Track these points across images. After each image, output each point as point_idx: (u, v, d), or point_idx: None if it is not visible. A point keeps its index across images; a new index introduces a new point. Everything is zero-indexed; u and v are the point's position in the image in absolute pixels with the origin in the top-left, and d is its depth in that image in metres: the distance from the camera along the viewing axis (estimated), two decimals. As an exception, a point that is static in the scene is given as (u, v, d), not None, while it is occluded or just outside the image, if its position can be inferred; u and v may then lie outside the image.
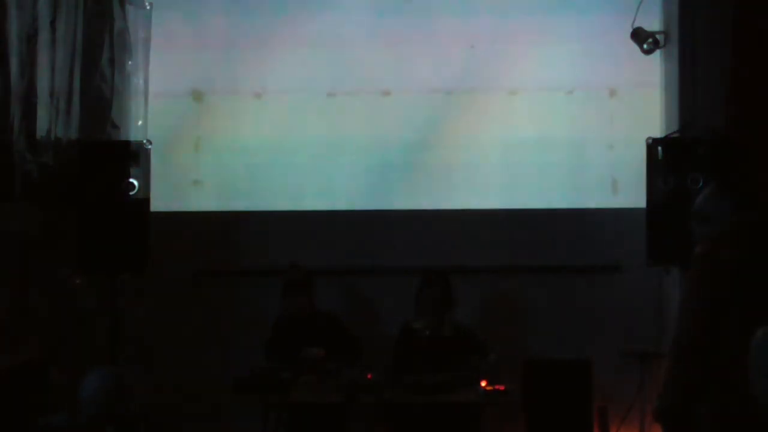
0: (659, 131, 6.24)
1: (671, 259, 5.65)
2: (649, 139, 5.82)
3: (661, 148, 5.74)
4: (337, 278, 6.50)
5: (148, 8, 6.37)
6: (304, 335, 5.83)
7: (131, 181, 5.68)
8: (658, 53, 6.42)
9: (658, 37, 6.37)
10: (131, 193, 5.68)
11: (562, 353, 6.13)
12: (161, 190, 6.15)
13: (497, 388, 5.36)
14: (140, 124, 6.34)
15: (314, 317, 5.94)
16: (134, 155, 5.75)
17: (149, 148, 5.85)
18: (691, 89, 6.09)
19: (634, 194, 6.12)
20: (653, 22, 6.43)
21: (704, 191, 3.71)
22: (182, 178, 6.60)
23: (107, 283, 5.84)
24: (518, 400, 5.58)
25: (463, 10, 6.58)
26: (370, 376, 5.41)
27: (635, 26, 6.33)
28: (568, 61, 6.56)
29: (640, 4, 6.31)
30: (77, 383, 4.04)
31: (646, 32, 6.33)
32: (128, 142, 5.98)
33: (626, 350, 6.23)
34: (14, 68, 5.25)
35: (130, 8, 6.26)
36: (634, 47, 6.36)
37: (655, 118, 6.42)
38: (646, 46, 6.35)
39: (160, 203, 6.08)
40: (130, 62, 6.29)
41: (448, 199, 6.55)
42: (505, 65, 6.57)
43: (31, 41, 5.41)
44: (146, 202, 5.78)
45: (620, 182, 6.52)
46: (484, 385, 5.38)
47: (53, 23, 5.59)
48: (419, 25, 6.59)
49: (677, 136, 6.01)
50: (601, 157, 6.55)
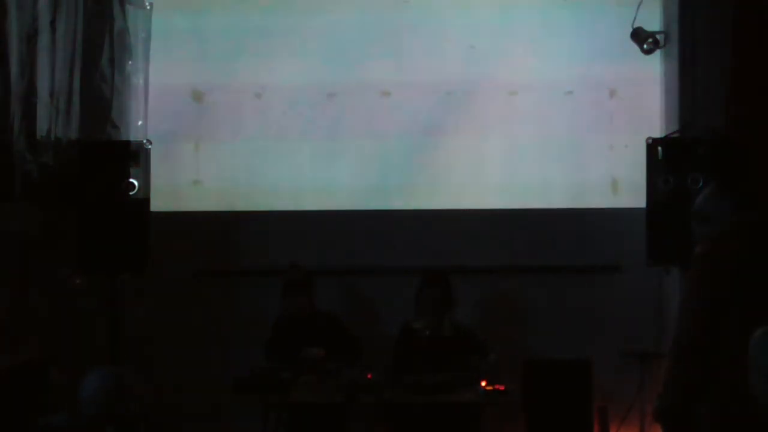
0: (659, 131, 6.24)
1: (671, 259, 5.65)
2: (649, 139, 5.82)
3: (661, 148, 5.74)
4: (337, 278, 6.50)
5: (148, 8, 6.37)
6: (304, 335, 5.83)
7: (131, 181, 5.68)
8: (658, 53, 6.42)
9: (658, 37, 6.37)
10: (131, 193, 5.68)
11: (562, 353, 6.13)
12: (161, 190, 6.15)
13: (497, 388, 5.36)
14: (140, 124, 6.34)
15: (314, 317, 5.94)
16: (134, 155, 5.75)
17: (149, 148, 5.85)
18: (691, 89, 6.09)
19: (634, 194, 6.12)
20: (653, 22, 6.43)
21: (704, 191, 3.71)
22: (182, 178, 6.60)
23: (107, 283, 5.83)
24: (518, 400, 5.58)
25: (463, 10, 6.59)
26: (370, 376, 5.41)
27: (635, 26, 6.33)
28: (568, 61, 6.57)
29: (640, 4, 6.31)
30: (77, 383, 4.03)
31: (646, 32, 6.33)
32: (128, 142, 5.98)
33: (626, 350, 6.23)
34: (14, 68, 5.24)
35: (130, 8, 6.26)
36: (634, 47, 6.36)
37: (655, 118, 6.42)
38: (646, 46, 6.35)
39: (160, 203, 6.08)
40: (130, 62, 6.29)
41: (448, 199, 6.55)
42: (505, 65, 6.57)
43: (31, 41, 5.40)
44: (146, 202, 5.78)
45: (620, 182, 6.52)
46: (484, 385, 5.38)
47: (53, 23, 5.58)
48: (419, 25, 6.59)
49: (677, 136, 6.01)
50: (601, 157, 6.55)
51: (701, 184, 5.46)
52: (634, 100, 6.54)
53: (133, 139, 6.13)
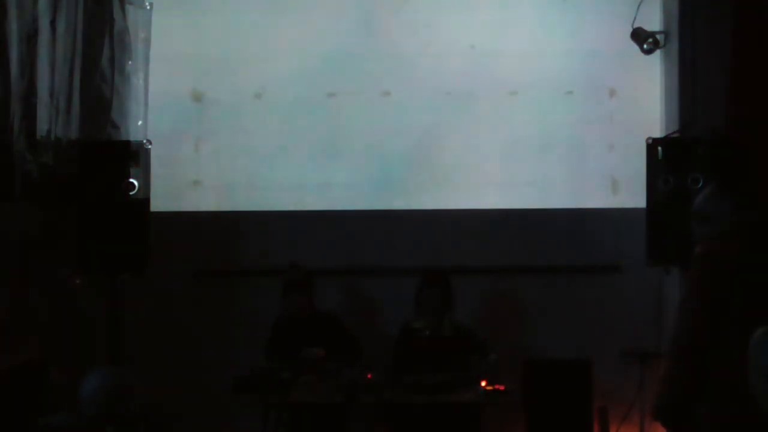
0: (659, 131, 6.25)
1: (671, 259, 5.65)
2: (649, 139, 5.82)
3: (661, 148, 5.74)
4: (337, 278, 6.50)
5: (148, 8, 6.37)
6: (304, 335, 5.83)
7: (131, 181, 5.67)
8: (658, 53, 6.42)
9: (658, 37, 6.37)
10: (131, 193, 5.68)
11: (562, 353, 6.14)
12: (161, 190, 6.15)
13: (497, 388, 5.36)
14: (140, 124, 6.34)
15: (314, 317, 5.94)
16: (134, 155, 5.75)
17: (149, 148, 5.85)
18: (691, 89, 6.08)
19: (634, 194, 6.13)
20: (653, 22, 6.43)
21: (704, 191, 3.71)
22: (182, 178, 6.60)
23: (107, 283, 5.83)
24: (518, 400, 5.58)
25: (463, 10, 6.58)
26: (370, 376, 5.41)
27: (635, 26, 6.33)
28: (568, 61, 6.57)
29: (640, 4, 6.32)
30: (77, 383, 4.03)
31: (646, 32, 6.34)
32: (128, 142, 5.97)
33: (626, 350, 6.23)
34: (14, 68, 5.24)
35: (130, 8, 6.26)
36: (634, 47, 6.36)
37: (655, 118, 6.42)
38: (646, 46, 6.35)
39: (160, 203, 6.08)
40: (130, 62, 6.29)
41: (448, 199, 6.55)
42: (505, 65, 6.57)
43: (31, 41, 5.40)
44: (146, 202, 5.78)
45: (620, 182, 6.52)
46: (484, 385, 5.38)
47: (53, 23, 5.58)
48: (419, 25, 6.59)
49: (677, 136, 6.01)
50: (601, 157, 6.55)
51: (701, 184, 5.45)
52: (634, 100, 6.54)
53: (133, 139, 6.13)
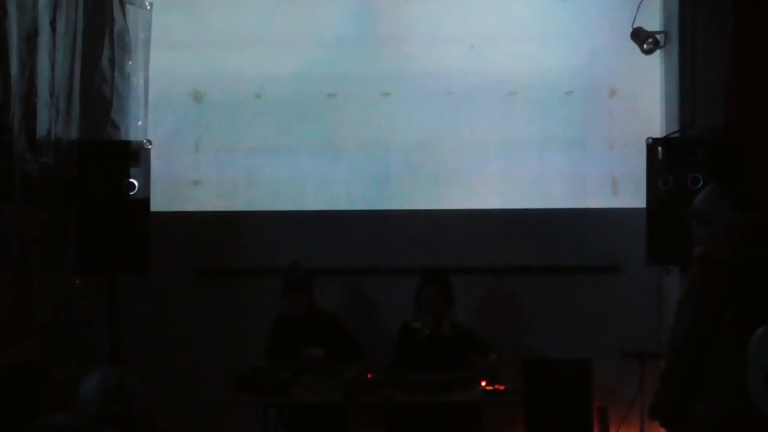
0: (659, 131, 6.24)
1: (671, 259, 5.64)
2: (649, 139, 5.81)
3: (661, 148, 5.73)
4: (337, 278, 6.50)
5: (148, 8, 6.37)
6: (304, 334, 5.83)
7: (131, 181, 5.67)
8: (658, 53, 6.42)
9: (658, 37, 6.37)
10: (131, 193, 5.67)
11: (562, 353, 6.13)
12: (161, 190, 6.15)
13: (497, 388, 5.37)
14: (140, 124, 6.34)
15: (314, 316, 5.94)
16: (134, 155, 5.74)
17: (149, 148, 5.84)
18: (691, 89, 6.08)
19: (634, 194, 6.12)
20: (653, 22, 6.43)
21: (704, 191, 3.71)
22: (182, 178, 6.60)
23: (107, 283, 5.83)
24: (518, 400, 5.58)
25: (463, 9, 6.58)
26: (370, 376, 5.41)
27: (635, 26, 6.33)
28: (567, 61, 6.57)
29: (640, 4, 6.31)
30: (77, 383, 4.03)
31: (646, 32, 6.33)
32: (128, 142, 5.97)
33: (626, 350, 6.23)
34: (14, 68, 5.24)
35: (130, 8, 6.26)
36: (634, 47, 6.36)
37: (655, 118, 6.42)
38: (646, 46, 6.35)
39: (160, 203, 6.08)
40: (130, 62, 6.29)
41: (448, 199, 6.55)
42: (505, 65, 6.57)
43: (31, 41, 5.40)
44: (146, 202, 5.77)
45: (620, 182, 6.52)
46: (484, 385, 5.39)
47: (53, 23, 5.58)
48: (419, 25, 6.59)
49: (677, 136, 6.01)
50: (601, 157, 6.55)
51: (701, 184, 5.45)
52: (634, 100, 6.54)
53: (133, 139, 6.13)
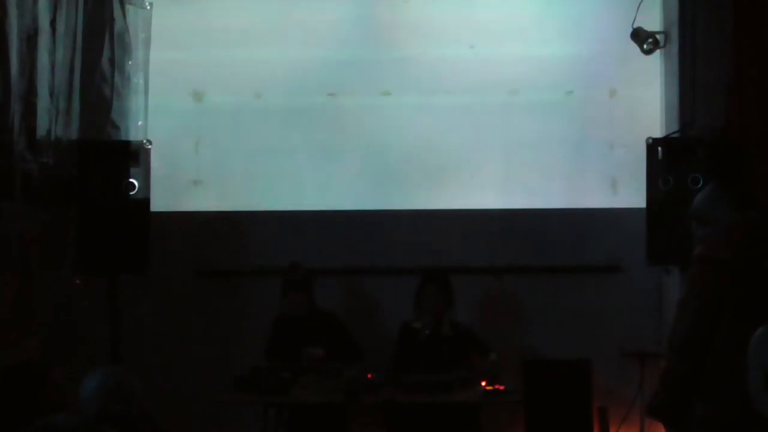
0: (659, 131, 6.24)
1: (671, 259, 5.64)
2: (649, 139, 5.81)
3: (661, 148, 5.74)
4: (337, 278, 6.50)
5: (148, 8, 6.37)
6: (304, 334, 5.83)
7: (131, 181, 5.67)
8: (658, 53, 6.42)
9: (658, 37, 6.37)
10: (131, 193, 5.67)
11: (562, 353, 6.13)
12: (161, 190, 6.15)
13: (497, 388, 5.37)
14: (140, 124, 6.34)
15: (314, 316, 5.94)
16: (134, 155, 5.74)
17: (149, 148, 5.84)
18: (691, 89, 6.08)
19: (634, 194, 6.12)
20: (653, 22, 6.43)
21: (704, 191, 3.71)
22: (182, 178, 6.60)
23: (107, 283, 5.83)
24: (518, 400, 5.58)
25: (463, 9, 6.58)
26: (370, 376, 5.41)
27: (635, 26, 6.33)
28: (568, 61, 6.57)
29: (640, 4, 6.31)
30: (77, 383, 4.03)
31: (646, 32, 6.33)
32: (128, 142, 5.97)
33: (626, 350, 6.23)
34: (14, 68, 5.24)
35: (130, 8, 6.26)
36: (634, 47, 6.36)
37: (655, 118, 6.42)
38: (646, 46, 6.35)
39: (160, 203, 6.08)
40: (130, 62, 6.29)
41: (448, 199, 6.55)
42: (505, 65, 6.57)
43: (31, 41, 5.40)
44: (146, 202, 5.77)
45: (620, 182, 6.52)
46: (484, 385, 5.39)
47: (53, 23, 5.58)
48: (419, 25, 6.59)
49: (677, 136, 6.01)
50: (601, 157, 6.55)
51: (701, 184, 5.45)
52: (634, 100, 6.54)
53: (133, 139, 6.13)
